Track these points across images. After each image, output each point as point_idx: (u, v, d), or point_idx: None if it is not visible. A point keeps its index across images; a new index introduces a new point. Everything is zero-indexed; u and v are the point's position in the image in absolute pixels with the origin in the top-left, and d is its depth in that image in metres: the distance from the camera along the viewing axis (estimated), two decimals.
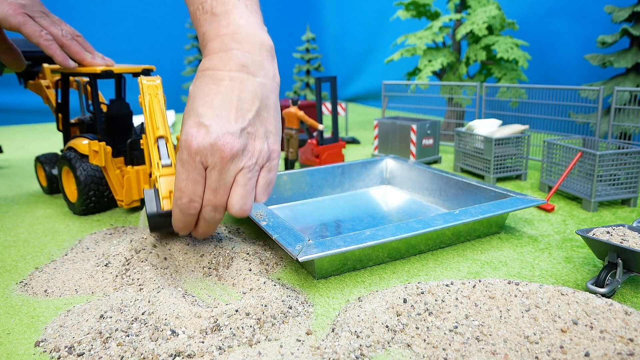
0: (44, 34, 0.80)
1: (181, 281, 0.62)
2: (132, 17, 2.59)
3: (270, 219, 0.70)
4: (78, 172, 0.86)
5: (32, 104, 2.35)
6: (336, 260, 0.63)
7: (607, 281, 0.56)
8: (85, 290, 0.61)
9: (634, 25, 1.24)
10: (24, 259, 0.72)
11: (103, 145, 0.82)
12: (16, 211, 0.95)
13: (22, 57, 0.92)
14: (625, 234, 0.59)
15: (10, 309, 0.57)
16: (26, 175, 1.26)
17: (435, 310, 0.51)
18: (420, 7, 1.57)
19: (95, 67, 0.84)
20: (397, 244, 0.67)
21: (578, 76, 1.64)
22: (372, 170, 1.05)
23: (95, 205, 0.89)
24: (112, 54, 1.01)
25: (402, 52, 1.58)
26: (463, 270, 0.65)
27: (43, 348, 0.49)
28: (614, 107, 1.07)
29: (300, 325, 0.52)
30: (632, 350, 0.43)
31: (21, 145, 1.79)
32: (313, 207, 0.93)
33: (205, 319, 0.50)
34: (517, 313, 0.49)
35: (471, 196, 0.86)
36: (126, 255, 0.65)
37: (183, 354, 0.46)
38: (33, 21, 0.80)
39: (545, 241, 0.74)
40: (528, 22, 1.76)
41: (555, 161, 0.98)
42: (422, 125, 1.25)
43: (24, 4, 0.80)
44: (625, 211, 0.88)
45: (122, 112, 0.93)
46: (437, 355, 0.46)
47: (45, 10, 0.83)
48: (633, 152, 0.87)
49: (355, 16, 2.87)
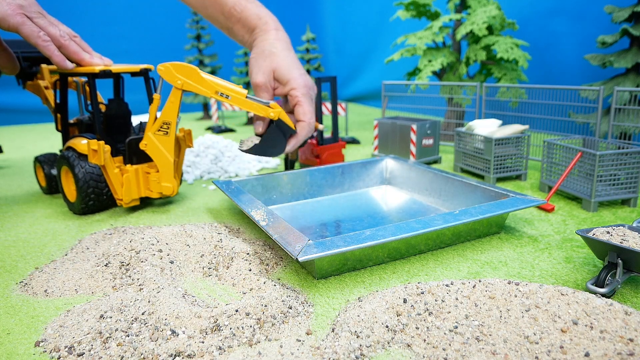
0: (42, 34, 0.80)
1: (181, 281, 0.62)
2: (132, 17, 2.59)
3: (270, 219, 0.70)
4: (76, 170, 0.86)
5: (31, 104, 2.35)
6: (336, 260, 0.63)
7: (607, 281, 0.56)
8: (85, 290, 0.61)
9: (634, 25, 1.24)
10: (24, 259, 0.72)
11: (102, 144, 0.82)
12: (16, 211, 0.95)
13: (16, 60, 0.91)
14: (625, 234, 0.59)
15: (10, 309, 0.57)
16: (26, 175, 1.26)
17: (435, 310, 0.51)
18: (420, 7, 1.57)
19: (93, 67, 0.84)
20: (397, 244, 0.67)
21: (578, 76, 1.64)
22: (372, 170, 1.05)
23: (95, 203, 0.89)
24: (112, 53, 1.01)
25: (402, 52, 1.58)
26: (463, 270, 0.65)
27: (43, 348, 0.49)
28: (614, 107, 1.07)
29: (300, 325, 0.52)
30: (632, 350, 0.43)
31: (21, 145, 1.79)
32: (313, 207, 0.93)
33: (205, 319, 0.50)
34: (517, 313, 0.49)
35: (471, 196, 0.86)
36: (126, 255, 0.65)
37: (183, 354, 0.46)
38: (31, 22, 0.80)
39: (545, 241, 0.74)
40: (528, 22, 1.76)
41: (555, 161, 0.98)
42: (422, 125, 1.25)
43: (22, 4, 0.80)
44: (625, 211, 0.88)
45: (121, 111, 0.93)
46: (437, 355, 0.46)
47: (42, 11, 0.83)
48: (633, 152, 0.87)
49: (355, 16, 2.87)
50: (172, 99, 0.82)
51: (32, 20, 0.81)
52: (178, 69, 0.80)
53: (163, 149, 0.84)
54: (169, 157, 0.85)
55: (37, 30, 0.80)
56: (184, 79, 0.81)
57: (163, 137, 0.84)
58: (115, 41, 2.56)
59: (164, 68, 0.80)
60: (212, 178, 1.19)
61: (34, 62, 1.06)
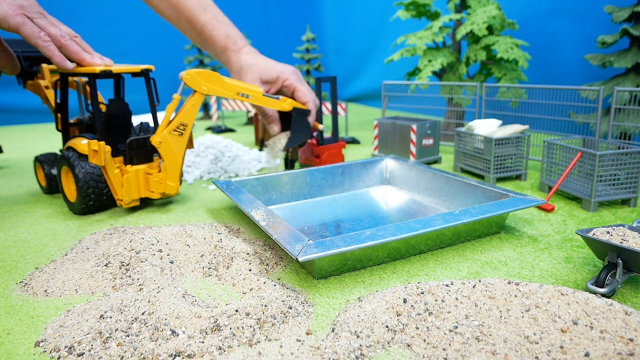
0: (42, 35, 0.80)
1: (181, 281, 0.62)
2: (132, 17, 2.59)
3: (270, 219, 0.70)
4: (77, 170, 0.86)
5: (31, 104, 2.35)
6: (336, 260, 0.63)
7: (607, 281, 0.56)
8: (85, 290, 0.61)
9: (634, 25, 1.24)
10: (24, 259, 0.72)
11: (102, 144, 0.82)
12: (16, 211, 0.95)
13: (16, 60, 0.91)
14: (625, 234, 0.59)
15: (10, 309, 0.57)
16: (26, 175, 1.26)
17: (435, 310, 0.51)
18: (420, 7, 1.57)
19: (94, 67, 0.84)
20: (397, 244, 0.67)
21: (578, 76, 1.64)
22: (372, 170, 1.05)
23: (95, 203, 0.89)
24: (112, 53, 1.01)
25: (402, 52, 1.58)
26: (463, 270, 0.65)
27: (43, 348, 0.49)
28: (614, 107, 1.07)
29: (300, 325, 0.52)
30: (632, 350, 0.43)
31: (21, 145, 1.79)
32: (313, 207, 0.93)
33: (205, 319, 0.50)
34: (517, 313, 0.49)
35: (471, 196, 0.86)
36: (126, 255, 0.65)
37: (183, 354, 0.46)
38: (31, 22, 0.80)
39: (545, 241, 0.74)
40: (528, 22, 1.76)
41: (555, 161, 0.98)
42: (422, 125, 1.25)
43: (22, 4, 0.80)
44: (625, 211, 0.88)
45: (121, 111, 0.93)
46: (437, 355, 0.46)
47: (43, 11, 0.83)
48: (633, 152, 0.87)
49: (355, 16, 2.87)
50: (193, 103, 0.85)
51: (32, 20, 0.81)
52: (203, 76, 0.84)
53: (175, 148, 0.86)
54: (178, 158, 0.87)
55: (37, 31, 0.80)
56: (209, 84, 0.85)
57: (177, 138, 0.86)
58: (115, 41, 2.56)
59: (190, 76, 0.84)
60: (212, 178, 1.19)
61: (35, 62, 1.06)
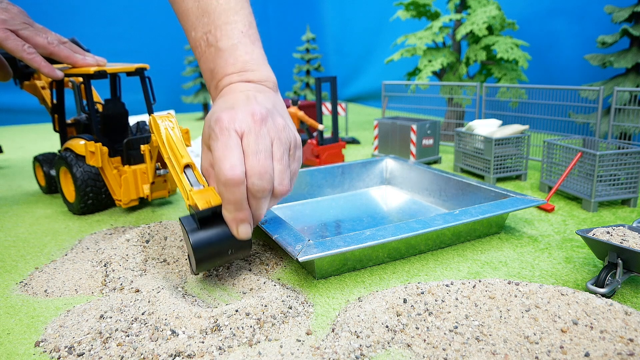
0: (27, 47, 0.80)
1: (181, 281, 0.62)
2: (132, 17, 2.59)
3: (270, 219, 0.70)
4: (75, 170, 0.86)
5: (31, 104, 2.35)
6: (336, 260, 0.63)
7: (607, 281, 0.56)
8: (85, 290, 0.61)
9: (634, 25, 1.24)
10: (24, 259, 0.72)
11: (99, 146, 0.82)
12: (16, 211, 0.95)
13: (8, 68, 0.92)
14: (625, 234, 0.59)
15: (10, 309, 0.57)
16: (26, 175, 1.26)
17: (435, 311, 0.51)
18: (420, 7, 1.57)
19: (87, 67, 0.84)
20: (397, 244, 0.67)
21: (578, 76, 1.64)
22: (372, 170, 1.05)
23: (94, 203, 0.89)
24: (111, 53, 1.01)
25: (402, 52, 1.58)
26: (463, 270, 0.65)
27: (43, 348, 0.49)
28: (614, 107, 1.07)
29: (300, 325, 0.52)
30: (632, 350, 0.43)
31: (21, 145, 1.79)
32: (313, 207, 0.93)
33: (205, 319, 0.50)
34: (517, 313, 0.49)
35: (471, 196, 0.86)
36: (126, 255, 0.65)
37: (183, 354, 0.46)
38: (15, 35, 0.80)
39: (545, 241, 0.74)
40: (528, 22, 1.76)
41: (555, 161, 0.98)
42: (422, 125, 1.25)
43: (4, 19, 0.79)
44: (625, 211, 0.88)
45: (118, 111, 0.92)
46: (437, 355, 0.46)
47: (29, 20, 0.83)
48: (633, 152, 0.87)
49: (355, 16, 2.86)
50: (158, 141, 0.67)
51: (16, 33, 0.80)
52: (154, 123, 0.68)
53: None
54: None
55: (21, 44, 0.80)
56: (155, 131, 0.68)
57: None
58: (115, 41, 2.55)
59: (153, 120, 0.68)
60: None
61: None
